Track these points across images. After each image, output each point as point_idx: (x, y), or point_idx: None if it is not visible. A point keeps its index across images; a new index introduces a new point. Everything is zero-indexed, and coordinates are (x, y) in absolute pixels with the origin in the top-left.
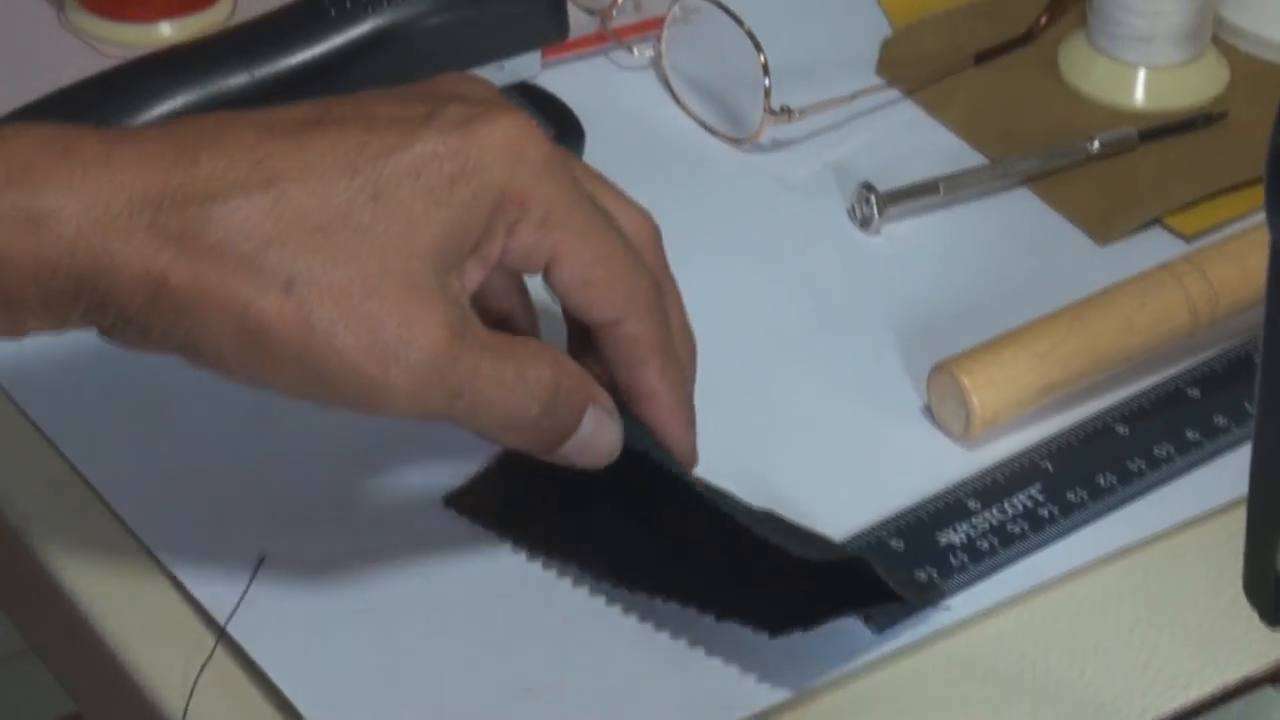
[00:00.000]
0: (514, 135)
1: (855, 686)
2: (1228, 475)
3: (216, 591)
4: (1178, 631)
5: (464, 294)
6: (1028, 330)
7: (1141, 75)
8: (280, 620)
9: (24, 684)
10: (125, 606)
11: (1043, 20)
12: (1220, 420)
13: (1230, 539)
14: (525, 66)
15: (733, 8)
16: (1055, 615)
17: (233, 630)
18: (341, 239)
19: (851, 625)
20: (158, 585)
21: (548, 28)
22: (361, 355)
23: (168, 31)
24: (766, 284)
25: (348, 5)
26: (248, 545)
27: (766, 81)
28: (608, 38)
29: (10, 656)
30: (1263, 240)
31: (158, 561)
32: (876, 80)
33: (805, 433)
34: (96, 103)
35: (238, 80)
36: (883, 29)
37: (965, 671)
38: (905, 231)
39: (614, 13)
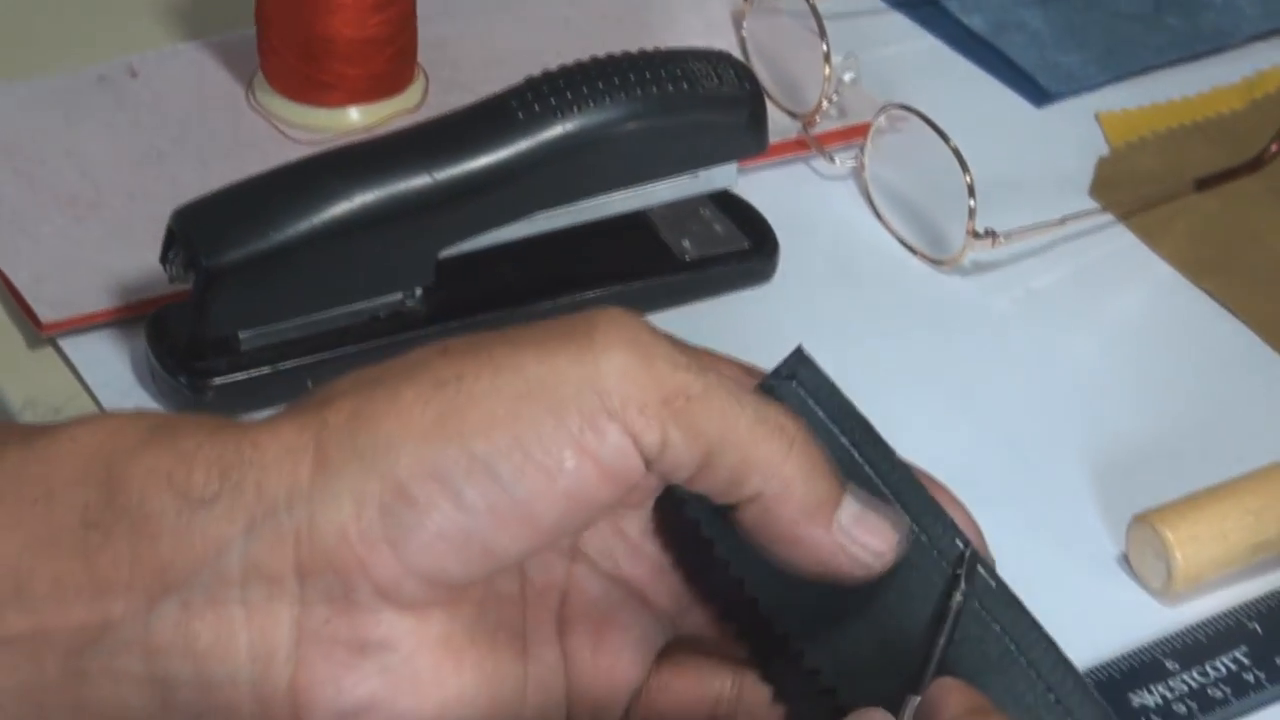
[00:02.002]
0: None
1: None
2: None
3: None
4: None
5: None
6: (1241, 483)
7: None
8: None
9: None
10: None
11: (1274, 147)
12: None
13: None
14: (721, 176)
15: (941, 120)
16: None
17: None
18: None
19: None
20: None
21: (747, 141)
22: None
23: (356, 117)
24: (958, 415)
25: (536, 109)
26: None
27: (971, 203)
28: (809, 145)
29: None
30: None
31: None
32: (1089, 203)
33: None
34: (272, 200)
35: (418, 182)
36: (1098, 148)
37: None
38: (1107, 363)
39: (817, 118)
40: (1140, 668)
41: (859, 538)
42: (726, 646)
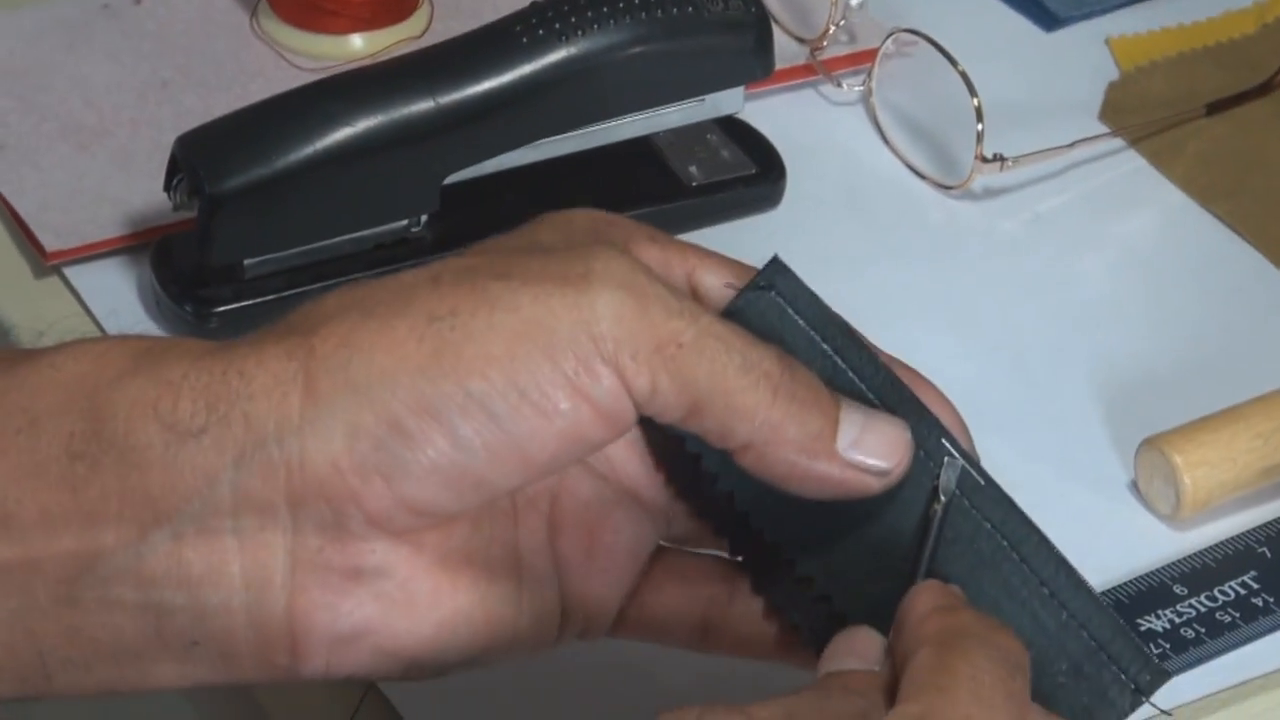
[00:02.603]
0: None
1: None
2: None
3: None
4: None
5: None
6: (1250, 407)
7: None
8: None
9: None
10: None
11: None
12: None
13: None
14: (728, 101)
15: (949, 45)
16: (1269, 714)
17: (383, 686)
18: None
19: None
20: None
21: (753, 65)
22: None
23: (360, 44)
24: (967, 340)
25: (540, 33)
26: None
27: (979, 127)
28: (816, 70)
29: None
30: None
31: None
32: (1099, 127)
33: None
34: (275, 126)
35: (422, 108)
36: (1108, 72)
37: None
38: (1116, 288)
39: (825, 43)
40: (1148, 592)
41: (863, 460)
42: (718, 552)
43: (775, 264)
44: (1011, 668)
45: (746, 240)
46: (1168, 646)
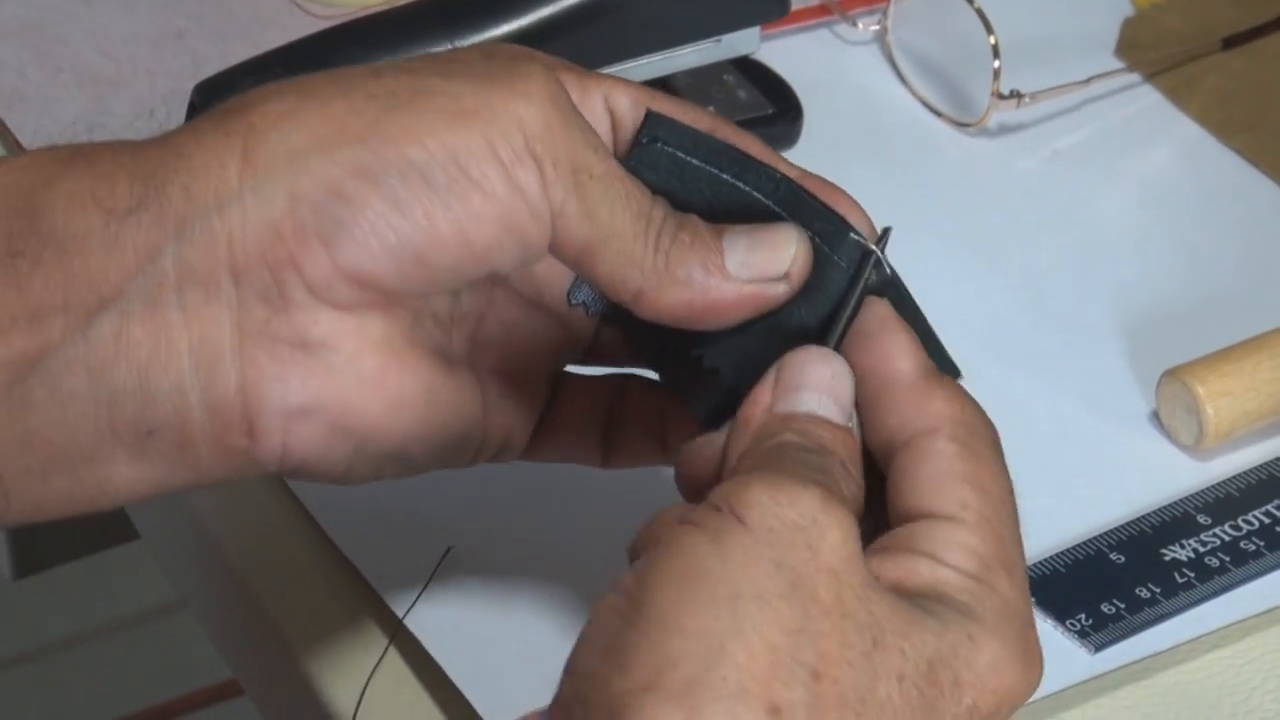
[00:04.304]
0: None
1: (1068, 715)
2: None
3: (397, 585)
4: None
5: None
6: (1272, 337)
7: None
8: (461, 617)
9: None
10: (304, 596)
11: None
12: None
13: None
14: (744, 41)
15: None
16: None
17: (410, 624)
18: None
19: (1063, 644)
20: (339, 580)
21: (768, 4)
22: None
23: None
24: (986, 276)
25: None
26: (432, 539)
27: (996, 64)
28: (832, 10)
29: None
30: None
31: (339, 554)
32: (1115, 63)
33: (1022, 436)
34: (295, 72)
35: (440, 51)
36: (1124, 8)
37: (1188, 704)
38: (1135, 223)
39: None
40: (1172, 522)
41: (758, 269)
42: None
43: (651, 116)
44: (1003, 459)
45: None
46: (1193, 575)
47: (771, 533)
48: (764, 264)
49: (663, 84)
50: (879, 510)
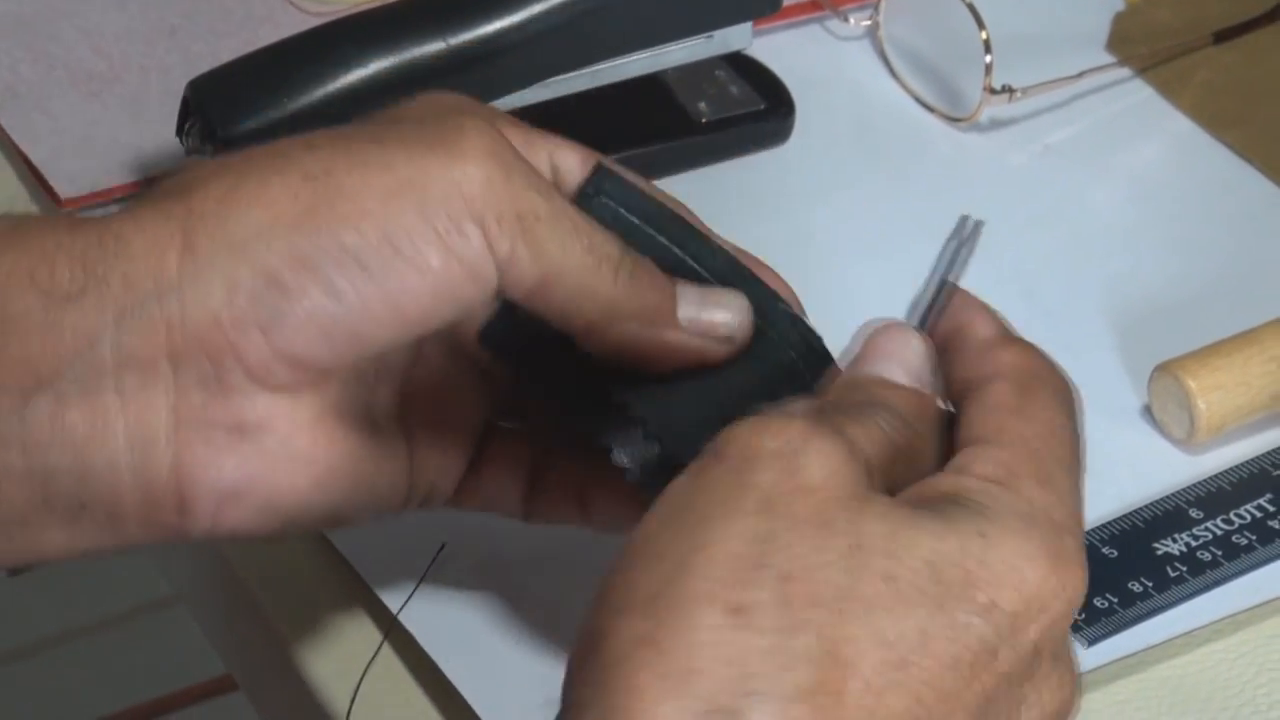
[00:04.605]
0: None
1: None
2: None
3: (391, 581)
4: None
5: None
6: (1264, 331)
7: None
8: (455, 613)
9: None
10: (298, 593)
11: None
12: None
13: None
14: (736, 37)
15: None
16: None
17: (405, 619)
18: None
19: None
20: (332, 576)
21: (760, 0)
22: None
23: None
24: (977, 272)
25: None
26: (426, 535)
27: (988, 59)
28: (823, 5)
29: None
30: None
31: (333, 549)
32: (1106, 58)
33: None
34: (287, 68)
35: (433, 48)
36: (1114, 3)
37: (1180, 699)
38: (1126, 217)
39: None
40: (1164, 516)
41: (706, 326)
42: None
43: (600, 170)
44: (1071, 412)
45: (756, 176)
46: (1185, 570)
47: (746, 460)
48: (712, 321)
49: (654, 80)
50: None
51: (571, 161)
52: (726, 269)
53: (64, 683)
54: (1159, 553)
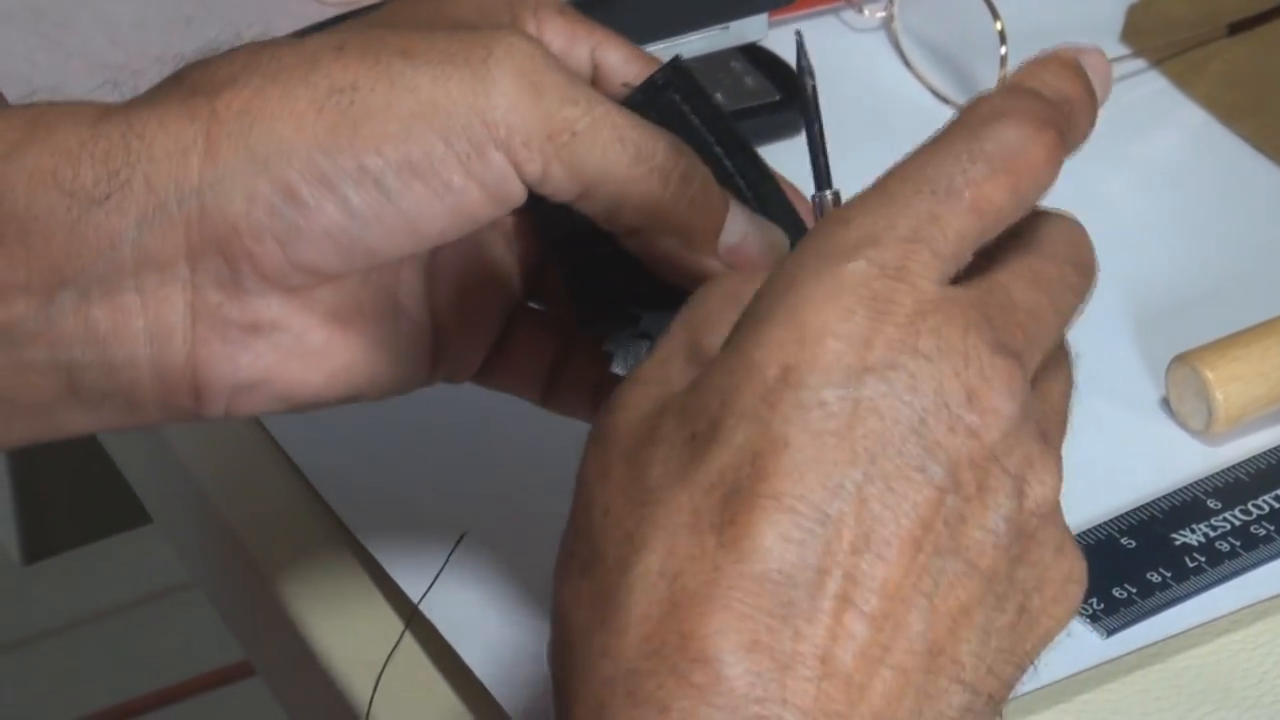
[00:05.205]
0: None
1: (1081, 699)
2: None
3: (412, 571)
4: None
5: None
6: None
7: None
8: (476, 602)
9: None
10: (318, 583)
11: None
12: None
13: None
14: (751, 28)
15: None
16: None
17: (426, 609)
18: None
19: (1075, 629)
20: (353, 565)
21: None
22: None
23: None
24: None
25: None
26: (447, 524)
27: (1003, 49)
28: None
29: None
30: None
31: (354, 539)
32: (1121, 49)
33: None
34: None
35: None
36: None
37: (1200, 689)
38: (1142, 209)
39: None
40: (1183, 507)
41: (745, 255)
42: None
43: (675, 64)
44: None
45: (771, 167)
46: (1203, 560)
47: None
48: (752, 255)
49: None
50: None
51: (615, 58)
52: (769, 195)
53: (81, 668)
54: (1177, 543)
